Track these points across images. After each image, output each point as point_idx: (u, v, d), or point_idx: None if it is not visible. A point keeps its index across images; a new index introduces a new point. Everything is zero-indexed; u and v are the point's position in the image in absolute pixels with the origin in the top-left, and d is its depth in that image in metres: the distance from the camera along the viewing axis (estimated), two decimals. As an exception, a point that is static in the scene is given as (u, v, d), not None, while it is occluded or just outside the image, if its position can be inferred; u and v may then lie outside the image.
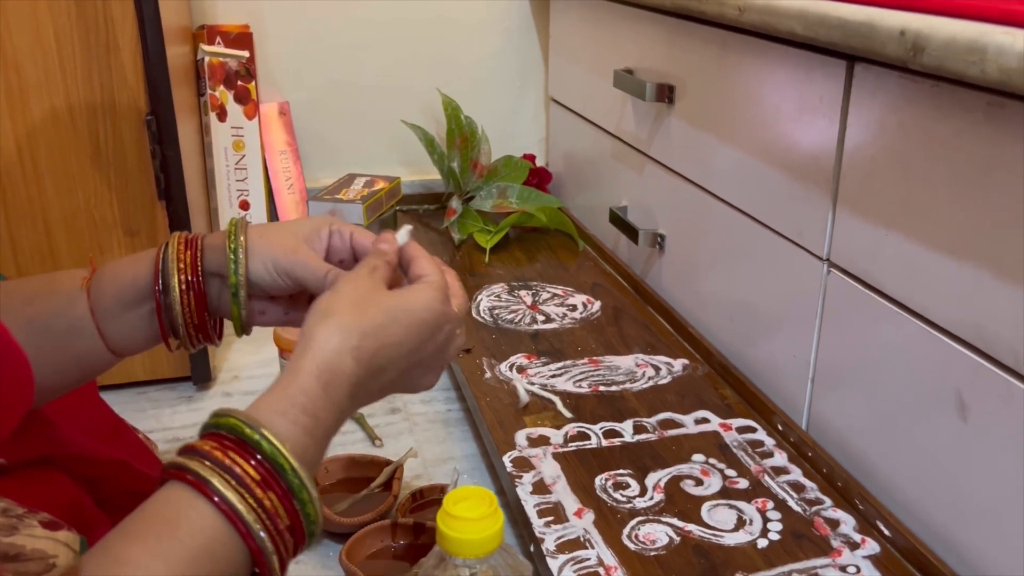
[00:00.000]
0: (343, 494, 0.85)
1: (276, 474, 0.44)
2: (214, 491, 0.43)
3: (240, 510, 0.43)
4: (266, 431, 0.44)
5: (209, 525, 0.43)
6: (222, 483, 0.43)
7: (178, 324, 0.58)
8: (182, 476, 0.44)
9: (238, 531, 0.43)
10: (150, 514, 0.44)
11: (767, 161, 0.85)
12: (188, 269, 0.57)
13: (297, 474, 0.44)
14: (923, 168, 0.65)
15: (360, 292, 0.52)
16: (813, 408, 0.83)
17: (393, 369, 0.52)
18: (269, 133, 1.40)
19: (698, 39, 0.96)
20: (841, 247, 0.76)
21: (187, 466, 0.44)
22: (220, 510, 0.43)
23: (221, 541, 0.43)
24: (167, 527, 0.43)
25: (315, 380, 0.48)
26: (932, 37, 0.57)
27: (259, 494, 0.43)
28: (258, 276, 0.57)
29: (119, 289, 0.57)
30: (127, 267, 0.58)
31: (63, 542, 0.54)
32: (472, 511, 0.47)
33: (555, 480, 0.77)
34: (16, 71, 0.89)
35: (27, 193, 0.93)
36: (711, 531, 0.71)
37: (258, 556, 0.44)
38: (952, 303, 0.64)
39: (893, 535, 0.69)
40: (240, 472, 0.43)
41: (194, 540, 0.42)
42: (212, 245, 0.58)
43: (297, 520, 0.45)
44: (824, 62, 0.75)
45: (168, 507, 0.44)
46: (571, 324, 1.07)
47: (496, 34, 1.51)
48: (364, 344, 0.49)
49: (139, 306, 0.57)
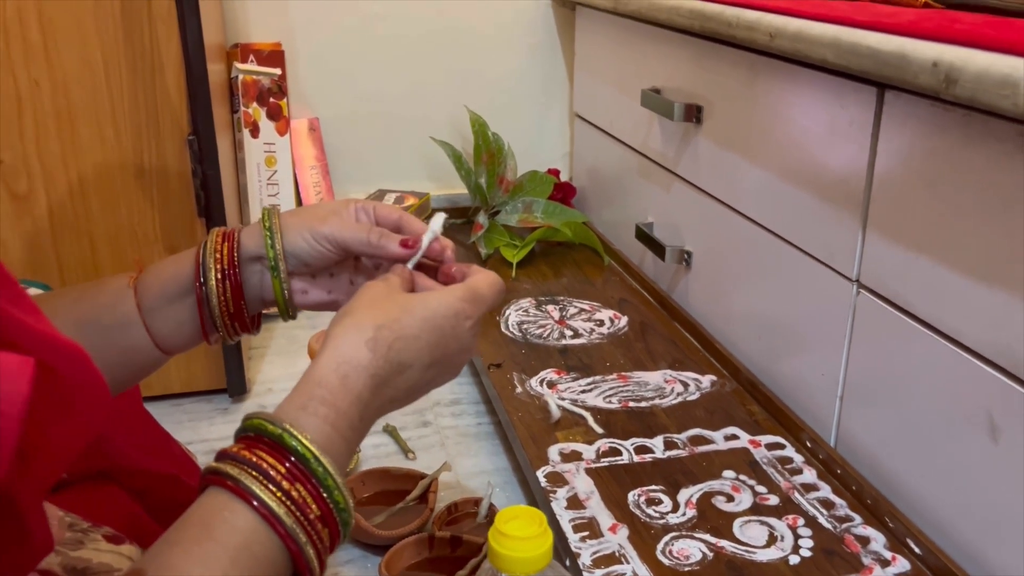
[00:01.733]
0: (380, 507, 0.87)
1: (301, 466, 0.45)
2: (245, 490, 0.44)
3: (271, 505, 0.44)
4: (288, 426, 0.46)
5: (244, 524, 0.44)
6: (252, 481, 0.44)
7: (215, 314, 0.60)
8: (216, 480, 0.46)
9: (271, 525, 0.44)
10: (189, 520, 0.46)
11: (796, 183, 0.87)
12: (224, 259, 0.59)
13: (320, 462, 0.45)
14: (953, 194, 0.67)
15: (374, 293, 0.54)
16: (842, 426, 0.84)
17: (416, 366, 0.53)
18: (299, 149, 1.43)
19: (727, 61, 0.98)
20: (871, 269, 0.77)
21: (219, 469, 0.46)
22: (252, 507, 0.44)
23: (257, 539, 0.44)
24: (205, 530, 0.44)
25: (332, 373, 0.49)
26: (965, 69, 0.58)
27: (286, 487, 0.44)
28: (295, 246, 0.59)
29: (163, 284, 0.59)
30: (170, 264, 0.60)
31: (126, 556, 0.56)
32: (523, 530, 0.49)
33: (589, 495, 0.79)
34: (65, 93, 0.92)
35: (73, 210, 0.96)
36: (743, 547, 0.72)
37: (293, 549, 0.44)
38: (982, 325, 0.65)
39: (924, 553, 0.70)
40: (267, 468, 0.45)
41: (231, 540, 0.43)
42: (248, 232, 0.60)
43: (327, 508, 0.45)
44: (855, 88, 0.76)
45: (205, 511, 0.45)
46: (599, 339, 1.09)
47: (522, 51, 1.53)
48: (379, 335, 0.50)
49: (181, 300, 0.59)
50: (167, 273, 0.60)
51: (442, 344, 0.54)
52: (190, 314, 0.60)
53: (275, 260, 0.59)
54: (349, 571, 0.81)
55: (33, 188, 0.94)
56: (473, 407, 1.10)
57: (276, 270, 0.59)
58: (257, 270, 0.60)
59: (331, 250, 0.60)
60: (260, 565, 0.44)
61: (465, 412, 1.09)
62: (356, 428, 0.50)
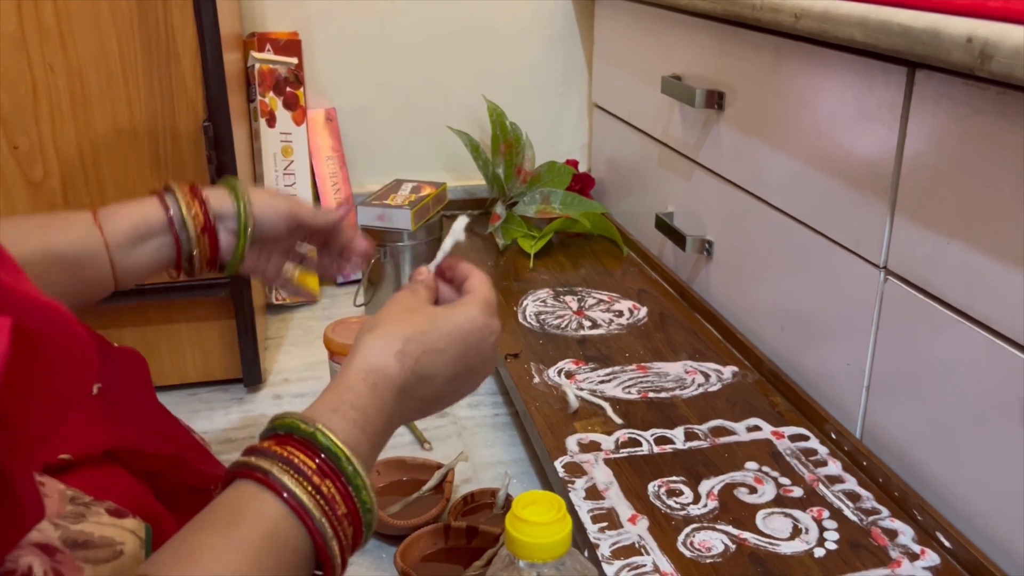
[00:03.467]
0: (395, 497, 0.86)
1: (331, 464, 0.46)
2: (276, 481, 0.45)
3: (301, 498, 0.45)
4: (320, 425, 0.47)
5: (273, 513, 0.45)
6: (283, 473, 0.45)
7: (196, 261, 0.69)
8: (246, 472, 0.47)
9: (299, 517, 0.45)
10: (218, 507, 0.46)
11: (822, 168, 0.85)
12: (200, 216, 0.69)
13: (351, 462, 0.47)
14: (988, 176, 0.65)
15: (404, 305, 0.57)
16: (868, 417, 0.82)
17: (440, 378, 0.55)
18: (316, 138, 1.42)
19: (750, 46, 0.96)
20: (899, 255, 0.75)
21: (249, 463, 0.47)
22: (282, 498, 0.45)
23: (285, 528, 0.45)
24: (235, 516, 0.45)
25: (362, 381, 0.51)
26: (1001, 44, 0.56)
27: (316, 481, 0.45)
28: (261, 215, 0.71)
29: (133, 226, 0.66)
30: (135, 208, 0.68)
31: (129, 529, 0.56)
32: (541, 515, 0.47)
33: (608, 486, 0.77)
34: (80, 80, 0.91)
35: (89, 198, 0.95)
36: (767, 539, 0.71)
37: (319, 542, 0.45)
38: (1017, 312, 0.63)
39: (954, 547, 0.68)
40: (298, 463, 0.46)
41: (260, 527, 0.44)
42: (214, 195, 0.70)
43: (353, 506, 0.47)
44: (884, 69, 0.74)
45: (234, 500, 0.46)
46: (618, 330, 1.07)
47: (540, 40, 1.51)
48: (408, 348, 0.53)
49: (148, 241, 0.67)
50: (136, 216, 0.67)
51: (466, 358, 0.56)
52: (155, 255, 0.67)
53: (245, 223, 0.70)
54: (364, 560, 0.80)
55: (49, 175, 0.93)
56: (490, 398, 1.09)
57: (245, 231, 0.70)
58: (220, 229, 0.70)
59: (284, 224, 0.72)
60: (286, 555, 0.45)
61: (482, 403, 1.07)
62: (380, 435, 0.52)
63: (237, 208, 0.70)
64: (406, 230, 1.19)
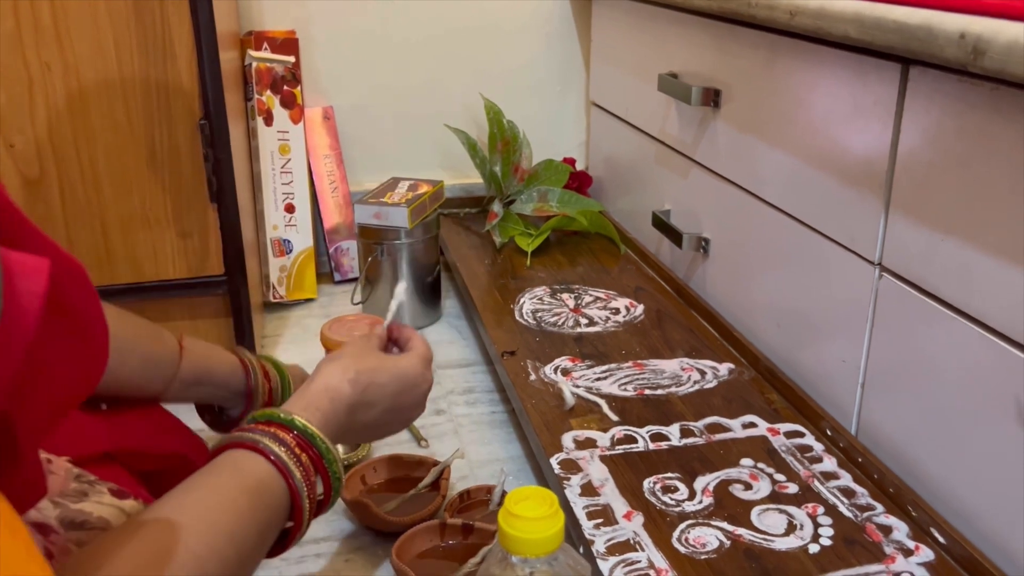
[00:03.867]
0: (391, 494, 0.86)
1: (308, 442, 0.57)
2: (264, 447, 0.54)
3: (286, 460, 0.55)
4: (295, 414, 0.58)
5: (259, 470, 0.54)
6: (270, 440, 0.55)
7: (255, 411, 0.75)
8: (232, 444, 0.55)
9: (283, 476, 0.54)
10: (210, 465, 0.54)
11: (817, 165, 0.85)
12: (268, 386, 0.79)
13: (323, 441, 0.57)
14: (982, 172, 0.65)
15: (360, 347, 0.69)
16: (863, 413, 0.82)
17: (379, 408, 0.66)
18: (313, 137, 1.42)
19: (746, 43, 0.96)
20: (894, 252, 0.75)
21: (236, 436, 0.56)
22: (269, 460, 0.54)
23: (268, 485, 0.54)
24: (226, 469, 0.54)
25: (323, 394, 0.62)
26: (994, 40, 0.56)
27: (297, 452, 0.56)
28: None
29: (202, 373, 0.75)
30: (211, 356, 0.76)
31: (128, 511, 0.57)
32: (534, 511, 0.47)
33: (603, 483, 0.77)
34: (77, 77, 0.91)
35: (85, 195, 0.95)
36: (761, 535, 0.71)
37: (297, 500, 0.55)
38: (1011, 308, 0.63)
39: (948, 543, 0.68)
40: (282, 437, 0.56)
41: (248, 479, 0.53)
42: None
43: (327, 476, 0.57)
44: (878, 65, 0.74)
45: (227, 460, 0.55)
46: (614, 327, 1.08)
47: (537, 38, 1.51)
48: (359, 378, 0.64)
49: (205, 386, 0.75)
50: (210, 365, 0.75)
51: (401, 397, 0.68)
52: (198, 395, 0.75)
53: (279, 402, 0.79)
54: (360, 558, 0.80)
55: (46, 173, 0.93)
56: (487, 395, 1.09)
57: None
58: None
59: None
60: (267, 502, 0.53)
61: (479, 400, 1.08)
62: (334, 439, 0.61)
63: (282, 386, 0.80)
64: (403, 228, 1.19)
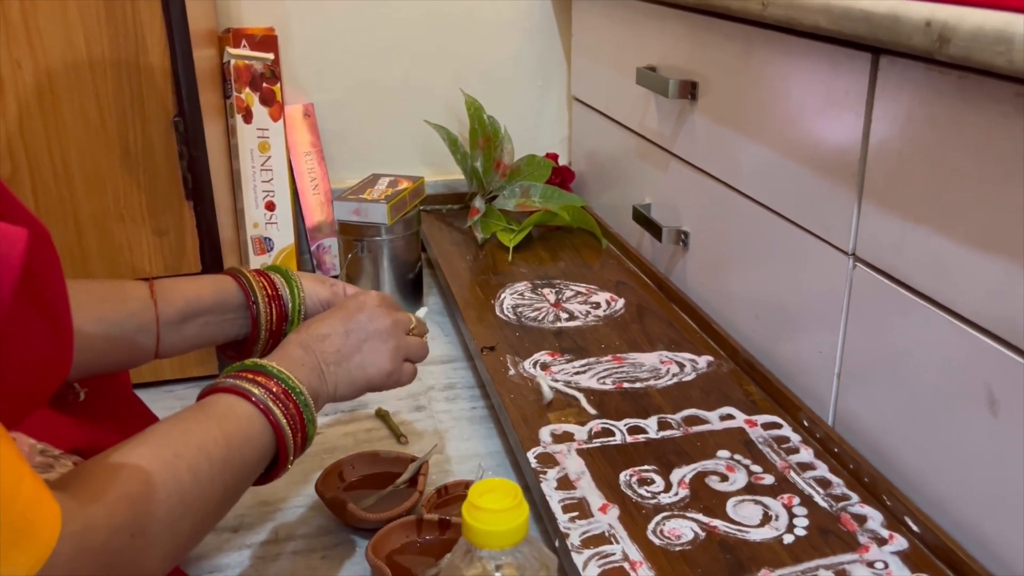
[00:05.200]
0: (369, 490, 0.85)
1: (280, 383, 0.62)
2: (244, 390, 0.60)
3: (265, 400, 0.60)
4: (260, 360, 0.63)
5: (242, 410, 0.59)
6: (249, 383, 0.60)
7: (262, 332, 0.77)
8: (212, 390, 0.60)
9: (264, 414, 0.59)
10: (194, 406, 0.59)
11: (792, 156, 0.85)
12: (268, 289, 0.77)
13: (291, 377, 0.63)
14: (951, 160, 0.65)
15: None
16: (839, 404, 0.82)
17: (336, 335, 0.70)
18: (294, 134, 1.41)
19: (721, 35, 0.96)
20: (867, 242, 0.75)
21: (215, 384, 0.61)
22: (251, 401, 0.59)
23: (251, 423, 0.59)
24: (212, 407, 0.58)
25: (278, 348, 0.68)
26: (958, 28, 0.56)
27: (275, 391, 0.61)
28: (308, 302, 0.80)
29: (186, 302, 0.72)
30: (190, 284, 0.74)
31: None
32: (497, 503, 0.47)
33: (579, 476, 0.77)
34: (47, 74, 0.91)
35: (58, 193, 0.95)
36: (737, 527, 0.71)
37: (280, 434, 0.60)
38: (981, 296, 0.63)
39: (922, 531, 0.68)
40: (259, 381, 0.61)
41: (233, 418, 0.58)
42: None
43: (301, 414, 0.63)
44: (849, 55, 0.74)
45: (211, 401, 0.59)
46: (594, 322, 1.07)
47: (518, 33, 1.51)
48: (303, 327, 0.71)
49: (195, 319, 0.73)
50: (190, 293, 0.73)
51: (350, 316, 0.72)
52: (199, 332, 0.74)
53: (298, 309, 0.78)
54: (337, 554, 0.80)
55: (17, 171, 0.93)
56: (467, 391, 1.08)
57: (298, 312, 0.78)
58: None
59: (322, 311, 0.78)
60: (249, 444, 0.58)
61: (459, 396, 1.07)
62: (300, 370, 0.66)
63: (291, 290, 0.78)
64: (383, 224, 1.19)
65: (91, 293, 0.68)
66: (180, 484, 0.51)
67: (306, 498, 0.87)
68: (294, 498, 0.87)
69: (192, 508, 0.52)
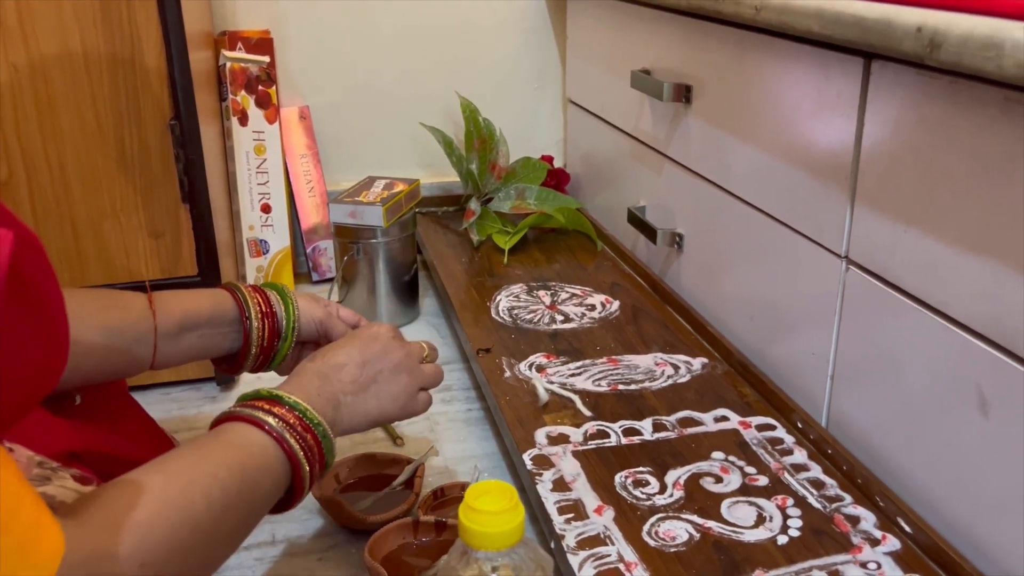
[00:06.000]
0: (365, 492, 0.86)
1: (295, 411, 0.62)
2: (259, 419, 0.59)
3: (278, 428, 0.60)
4: (275, 390, 0.63)
5: (255, 439, 0.59)
6: (263, 413, 0.60)
7: (253, 346, 0.77)
8: (225, 419, 0.60)
9: (278, 442, 0.59)
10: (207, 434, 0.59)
11: (785, 159, 0.86)
12: (263, 305, 0.77)
13: (306, 408, 0.62)
14: (942, 164, 0.65)
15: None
16: (833, 405, 0.83)
17: (351, 365, 0.70)
18: (290, 137, 1.42)
19: (715, 39, 0.96)
20: (859, 244, 0.76)
21: (229, 412, 0.60)
22: (264, 430, 0.59)
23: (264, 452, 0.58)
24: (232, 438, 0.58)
25: (292, 375, 0.68)
26: (949, 33, 0.57)
27: (290, 420, 0.61)
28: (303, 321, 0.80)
29: (184, 313, 0.72)
30: (188, 297, 0.75)
31: None
32: (493, 504, 0.47)
33: (575, 477, 0.78)
34: (44, 77, 0.91)
35: (54, 195, 0.95)
36: (731, 528, 0.71)
37: (295, 461, 0.60)
38: (972, 298, 0.64)
39: (915, 532, 0.69)
40: (271, 409, 0.61)
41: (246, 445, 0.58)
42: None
43: (316, 439, 0.62)
44: (841, 60, 0.75)
45: (224, 430, 0.59)
46: (590, 324, 1.08)
47: (513, 36, 1.52)
48: (318, 354, 0.71)
49: (195, 330, 0.73)
50: (189, 305, 0.73)
51: (366, 347, 0.72)
52: (196, 344, 0.74)
53: (292, 327, 0.79)
54: (334, 556, 0.80)
55: (14, 174, 0.93)
56: (463, 393, 1.09)
57: (292, 331, 0.79)
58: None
59: (316, 330, 0.80)
60: (265, 473, 0.58)
61: (455, 398, 1.08)
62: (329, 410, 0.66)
63: (286, 308, 0.78)
64: (378, 227, 1.19)
65: (91, 302, 0.69)
66: (193, 513, 0.51)
67: (303, 500, 0.87)
68: (290, 500, 0.88)
69: (204, 538, 0.51)
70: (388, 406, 0.72)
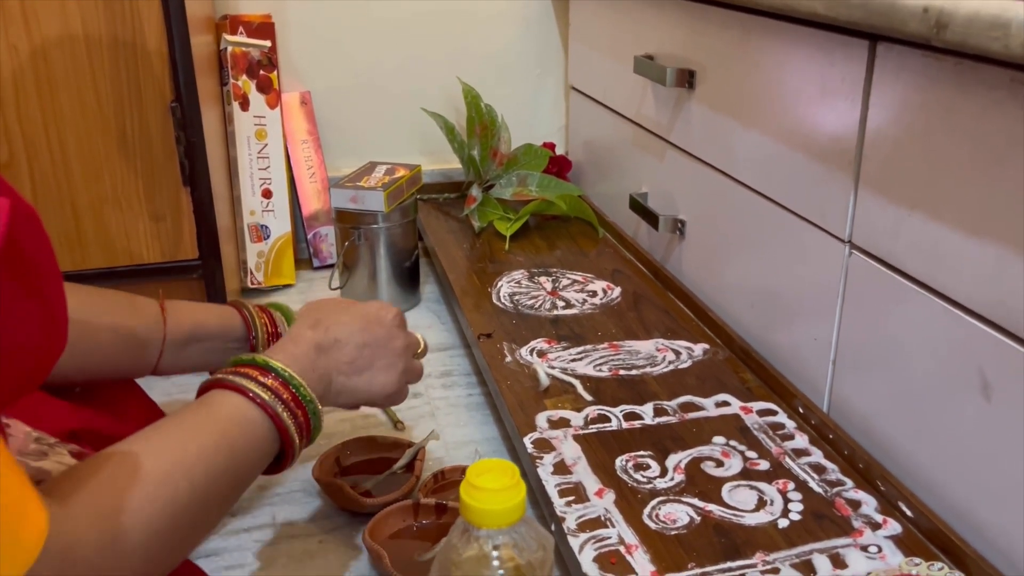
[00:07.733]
0: (366, 475, 0.86)
1: (279, 376, 0.61)
2: (241, 386, 0.58)
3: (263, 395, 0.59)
4: (269, 359, 0.62)
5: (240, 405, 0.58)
6: (247, 380, 0.59)
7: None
8: (210, 386, 0.59)
9: (262, 408, 0.58)
10: (191, 404, 0.57)
11: (789, 144, 0.85)
12: (268, 326, 0.80)
13: (292, 374, 0.61)
14: (947, 147, 0.65)
15: (319, 301, 0.75)
16: (834, 390, 0.83)
17: (351, 344, 0.69)
18: (291, 122, 1.41)
19: (718, 23, 0.96)
20: (863, 229, 0.76)
21: (214, 379, 0.59)
22: (248, 397, 0.58)
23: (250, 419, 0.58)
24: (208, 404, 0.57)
25: (289, 343, 0.66)
26: (955, 13, 0.57)
27: (272, 385, 0.60)
28: None
29: (192, 327, 0.74)
30: (196, 310, 0.76)
31: None
32: (495, 482, 0.47)
33: (576, 461, 0.77)
34: (45, 60, 0.90)
35: (55, 179, 0.95)
36: (732, 511, 0.71)
37: (281, 426, 0.59)
38: (975, 282, 0.64)
39: (916, 515, 0.69)
40: (255, 375, 0.60)
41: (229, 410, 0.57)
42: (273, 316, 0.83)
43: (301, 404, 0.61)
44: (846, 42, 0.74)
45: (207, 399, 0.58)
46: (591, 310, 1.08)
47: (516, 22, 1.51)
48: (321, 322, 0.69)
49: (199, 343, 0.75)
50: (200, 317, 0.75)
51: (369, 328, 0.71)
52: (200, 358, 0.75)
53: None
54: (334, 539, 0.80)
55: (15, 156, 0.93)
56: (464, 378, 1.09)
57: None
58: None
59: None
60: (255, 448, 0.57)
61: (456, 383, 1.08)
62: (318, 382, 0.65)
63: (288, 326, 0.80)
64: (379, 212, 1.19)
65: (105, 301, 0.69)
66: (176, 493, 0.50)
67: (303, 483, 0.88)
68: (291, 483, 0.88)
69: (186, 518, 0.51)
70: (376, 392, 0.72)
